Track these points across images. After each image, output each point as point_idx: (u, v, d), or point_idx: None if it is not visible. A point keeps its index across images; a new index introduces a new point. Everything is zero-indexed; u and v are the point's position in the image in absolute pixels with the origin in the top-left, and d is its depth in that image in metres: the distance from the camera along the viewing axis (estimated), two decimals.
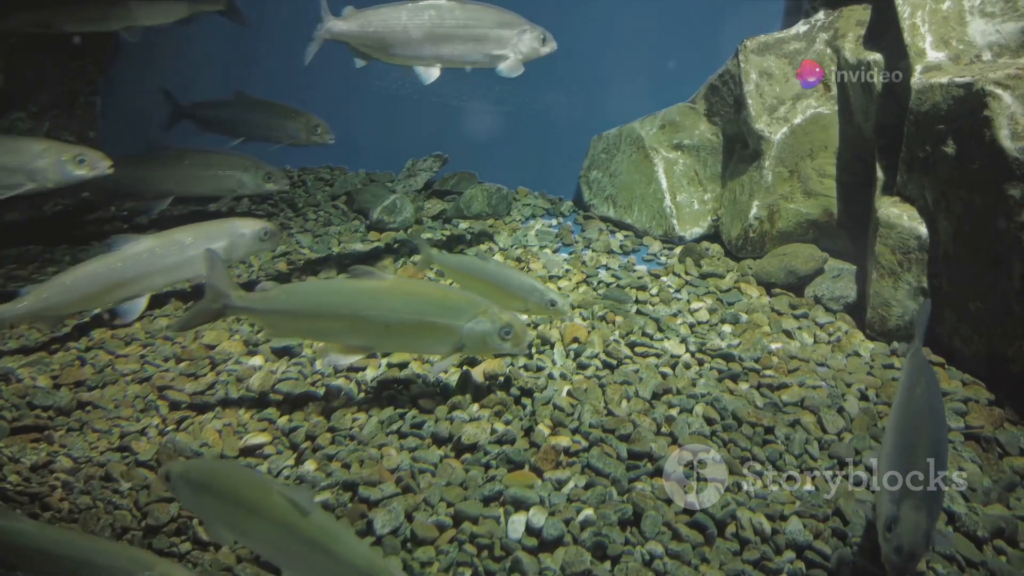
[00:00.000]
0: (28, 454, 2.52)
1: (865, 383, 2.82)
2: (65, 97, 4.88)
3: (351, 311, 2.46)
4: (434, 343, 2.49)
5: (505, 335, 2.43)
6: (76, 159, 3.08)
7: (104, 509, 2.31)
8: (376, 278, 2.53)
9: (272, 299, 2.51)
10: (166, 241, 3.19)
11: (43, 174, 3.09)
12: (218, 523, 1.89)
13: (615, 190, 4.32)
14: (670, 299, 3.47)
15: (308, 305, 2.51)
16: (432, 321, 2.43)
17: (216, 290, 2.48)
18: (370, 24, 3.05)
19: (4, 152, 3.06)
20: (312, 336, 2.76)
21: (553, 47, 3.26)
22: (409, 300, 2.47)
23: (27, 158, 3.05)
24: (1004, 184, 2.60)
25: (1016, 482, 2.35)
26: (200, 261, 3.03)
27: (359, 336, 2.49)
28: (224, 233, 3.29)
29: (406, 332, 2.46)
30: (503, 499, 2.25)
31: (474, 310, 2.45)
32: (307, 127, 4.01)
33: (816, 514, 2.22)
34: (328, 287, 2.72)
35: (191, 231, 3.27)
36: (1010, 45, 2.97)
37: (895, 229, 3.06)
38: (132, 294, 3.16)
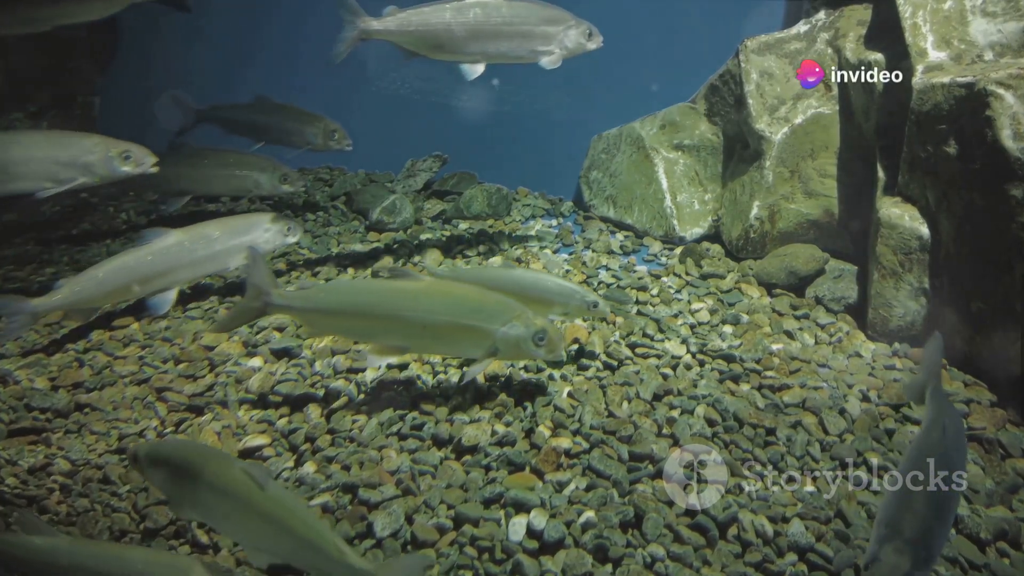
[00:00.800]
0: (26, 456, 2.50)
1: (867, 384, 2.81)
2: (64, 97, 4.87)
3: (387, 311, 2.47)
4: (468, 346, 2.48)
5: (539, 341, 2.42)
6: (123, 155, 3.11)
7: (102, 512, 2.30)
8: (413, 279, 2.53)
9: (311, 297, 2.52)
10: (194, 235, 3.26)
11: (93, 169, 3.11)
12: (183, 501, 1.94)
13: (615, 190, 4.31)
14: (671, 300, 3.46)
15: (346, 304, 2.52)
16: (466, 323, 2.43)
17: (257, 288, 2.48)
18: (410, 23, 3.06)
19: (61, 146, 3.08)
20: (350, 335, 2.76)
21: (599, 42, 3.23)
22: (445, 301, 2.46)
23: (80, 152, 3.08)
24: (1006, 184, 2.59)
25: (1019, 484, 2.34)
26: (227, 255, 3.24)
27: (395, 336, 2.48)
28: (250, 227, 3.37)
29: (441, 333, 2.45)
30: (504, 501, 2.24)
31: (509, 314, 2.43)
32: (325, 132, 4.02)
33: (818, 516, 2.21)
34: (366, 286, 2.74)
35: (218, 225, 3.35)
36: (1012, 45, 2.96)
37: (896, 229, 3.05)
38: (162, 287, 3.22)
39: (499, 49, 3.11)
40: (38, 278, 3.82)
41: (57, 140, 3.15)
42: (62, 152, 3.09)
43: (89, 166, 3.10)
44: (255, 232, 3.36)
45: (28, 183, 3.10)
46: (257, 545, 1.90)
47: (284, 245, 3.48)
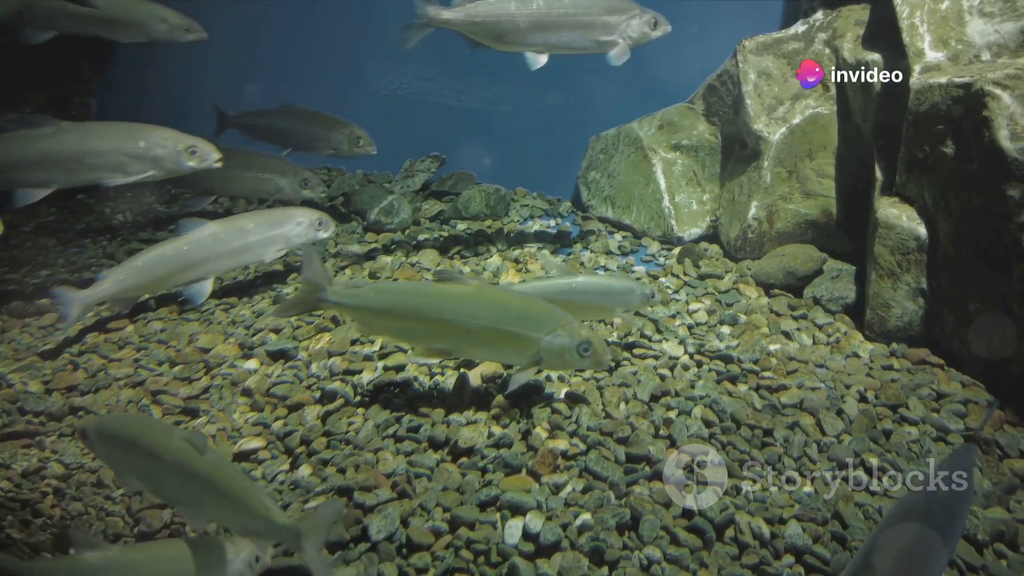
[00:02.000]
0: (19, 460, 2.49)
1: (864, 384, 2.80)
2: (60, 98, 4.86)
3: (434, 314, 2.47)
4: (512, 353, 2.46)
5: (584, 352, 2.38)
6: (189, 150, 3.11)
7: (96, 515, 2.29)
8: (461, 282, 2.53)
9: (362, 296, 2.54)
10: (229, 226, 3.33)
11: (162, 162, 3.12)
12: (128, 472, 2.05)
13: (613, 191, 4.30)
14: (668, 300, 3.45)
15: (394, 304, 2.53)
16: (510, 330, 2.41)
17: (313, 284, 2.53)
18: (476, 14, 3.11)
19: (133, 138, 3.08)
20: (398, 335, 2.77)
21: (666, 29, 3.21)
22: (490, 307, 2.45)
23: (151, 145, 3.08)
24: (1003, 184, 2.58)
25: (1016, 485, 2.33)
26: (261, 246, 3.37)
27: (440, 339, 2.49)
28: (283, 220, 3.44)
29: (485, 339, 2.44)
30: (500, 504, 2.23)
31: (554, 323, 2.40)
32: (350, 138, 4.03)
33: (815, 517, 2.20)
34: (414, 288, 2.75)
35: (252, 217, 3.42)
36: (1009, 45, 2.96)
37: (894, 230, 3.04)
38: (198, 276, 3.28)
39: (561, 40, 3.14)
40: (33, 280, 3.81)
41: (130, 131, 3.14)
42: (133, 144, 3.09)
43: (158, 159, 3.10)
44: (287, 225, 3.42)
45: (98, 174, 3.11)
46: (195, 508, 1.99)
47: (316, 239, 3.52)
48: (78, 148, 3.06)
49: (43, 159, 3.04)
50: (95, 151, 3.07)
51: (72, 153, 3.05)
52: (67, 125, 3.11)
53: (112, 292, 3.13)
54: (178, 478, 1.95)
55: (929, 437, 2.53)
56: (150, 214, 4.57)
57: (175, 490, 2.00)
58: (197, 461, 1.92)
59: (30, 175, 3.07)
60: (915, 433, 2.55)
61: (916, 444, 2.50)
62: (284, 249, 3.43)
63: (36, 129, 3.07)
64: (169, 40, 3.69)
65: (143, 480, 2.04)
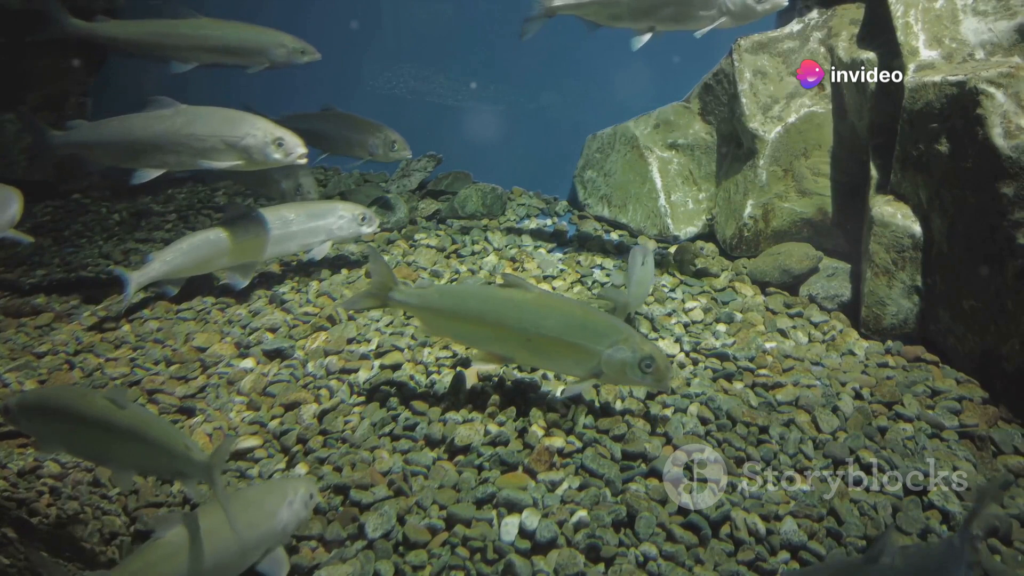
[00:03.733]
0: (15, 459, 2.48)
1: (860, 382, 2.81)
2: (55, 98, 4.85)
3: (495, 319, 2.45)
4: (571, 364, 2.42)
5: (646, 368, 2.31)
6: (277, 142, 3.08)
7: (92, 514, 2.28)
8: (525, 289, 2.51)
9: (427, 297, 2.56)
10: (273, 215, 3.38)
11: (251, 152, 3.10)
12: (52, 439, 2.17)
13: (610, 190, 4.31)
14: (664, 298, 3.46)
15: (458, 308, 2.53)
16: (571, 341, 2.37)
17: (380, 282, 2.56)
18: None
19: (231, 125, 3.08)
20: (459, 338, 2.76)
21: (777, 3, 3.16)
22: (552, 316, 2.41)
23: (243, 134, 3.07)
24: (997, 182, 2.60)
25: (1010, 481, 2.34)
26: (304, 237, 3.45)
27: (500, 345, 2.48)
28: (325, 213, 3.48)
29: (544, 349, 2.41)
30: (496, 501, 2.23)
31: (616, 336, 2.34)
32: (385, 142, 4.03)
33: (811, 514, 2.21)
34: (478, 292, 2.73)
35: (295, 208, 3.46)
36: (1003, 43, 2.97)
37: (889, 228, 3.06)
38: (242, 262, 3.35)
39: (665, 15, 3.18)
40: (29, 280, 3.81)
41: (228, 118, 3.13)
42: (230, 131, 3.08)
43: (248, 149, 3.09)
44: (330, 218, 3.46)
45: (195, 159, 3.12)
46: (120, 462, 2.10)
47: (359, 234, 3.51)
48: (183, 132, 3.07)
49: (156, 140, 3.09)
50: (197, 136, 3.07)
51: (178, 136, 3.07)
52: (183, 108, 3.13)
53: (160, 273, 3.25)
54: (103, 436, 2.05)
55: (924, 434, 2.54)
56: (148, 215, 4.57)
57: (102, 448, 2.09)
58: (119, 415, 2.02)
59: (146, 155, 3.14)
60: (910, 430, 2.56)
61: (911, 441, 2.51)
62: (327, 241, 3.46)
63: (158, 110, 3.12)
64: (287, 63, 3.78)
65: (68, 445, 2.18)
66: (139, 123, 3.14)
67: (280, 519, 2.00)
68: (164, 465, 2.03)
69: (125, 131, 3.16)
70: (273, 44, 3.73)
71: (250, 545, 1.95)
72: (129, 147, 3.17)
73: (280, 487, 2.09)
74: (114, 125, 3.21)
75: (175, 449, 1.99)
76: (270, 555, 2.00)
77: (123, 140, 3.17)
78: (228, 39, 3.68)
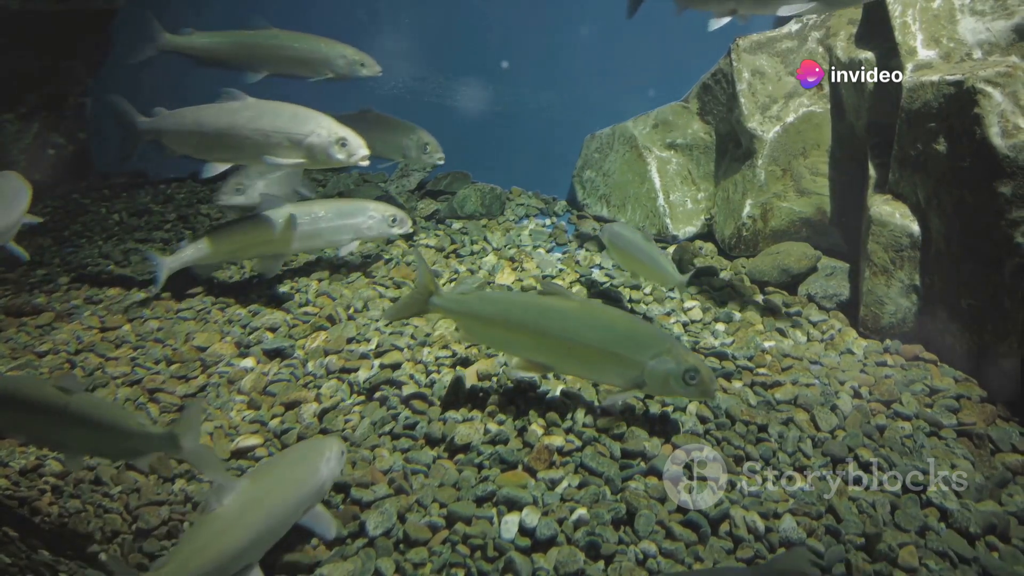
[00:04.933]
0: (17, 458, 2.49)
1: (858, 381, 2.82)
2: (55, 98, 4.85)
3: (536, 328, 2.43)
4: (613, 374, 2.40)
5: (690, 379, 2.29)
6: (340, 142, 3.04)
7: (94, 513, 2.29)
8: (566, 297, 2.49)
9: (468, 303, 2.55)
10: (303, 210, 3.40)
11: (314, 151, 3.07)
12: (7, 427, 2.25)
13: (608, 189, 4.31)
14: (663, 298, 3.47)
15: (499, 315, 2.51)
16: (613, 351, 2.35)
17: (423, 288, 2.56)
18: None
19: (297, 122, 3.05)
20: (499, 346, 2.74)
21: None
22: (594, 325, 2.40)
23: (308, 132, 3.04)
24: (995, 182, 2.61)
25: (1008, 478, 2.35)
26: (332, 233, 3.43)
27: (541, 354, 2.45)
28: (355, 211, 3.48)
29: (586, 358, 2.39)
30: (496, 499, 2.24)
31: (659, 346, 2.32)
32: (418, 145, 4.02)
33: (809, 512, 2.22)
34: (519, 300, 2.70)
35: (326, 204, 3.46)
36: (1000, 43, 2.98)
37: (887, 227, 3.07)
38: (269, 253, 3.37)
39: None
40: (29, 280, 3.81)
41: (295, 115, 3.10)
42: (296, 128, 3.05)
43: (311, 148, 3.05)
44: (359, 217, 3.47)
45: (260, 155, 3.09)
46: (73, 446, 2.17)
47: (388, 235, 3.49)
48: (249, 126, 3.05)
49: (223, 132, 3.09)
50: (262, 131, 3.05)
51: (244, 130, 3.05)
52: (251, 102, 3.11)
53: (192, 258, 3.34)
54: (56, 422, 2.10)
55: (922, 432, 2.55)
56: (145, 215, 4.57)
57: (57, 435, 2.16)
58: (70, 402, 2.07)
59: (214, 148, 3.14)
60: (909, 428, 2.58)
61: (910, 439, 2.52)
62: (356, 240, 3.47)
63: (227, 103, 3.11)
64: (348, 75, 3.83)
65: (22, 432, 2.25)
66: (209, 114, 3.13)
67: (321, 475, 2.09)
68: (121, 446, 2.09)
69: (196, 122, 3.15)
70: (335, 55, 3.78)
71: (299, 504, 2.02)
72: (199, 138, 3.16)
73: (316, 445, 2.17)
74: (187, 115, 3.20)
75: (128, 428, 2.05)
76: (311, 511, 2.07)
77: (194, 130, 3.16)
78: (296, 50, 3.75)
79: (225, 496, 1.91)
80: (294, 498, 2.01)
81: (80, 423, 2.08)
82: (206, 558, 1.81)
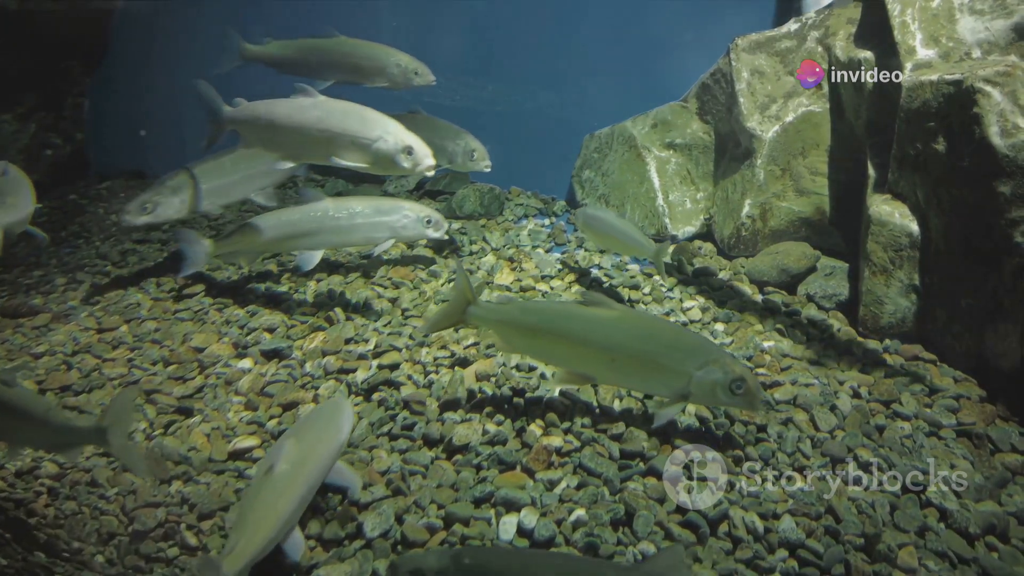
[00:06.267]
0: (13, 460, 2.48)
1: (858, 380, 2.81)
2: (52, 98, 4.85)
3: (578, 338, 2.38)
4: (659, 385, 2.35)
5: (737, 389, 2.24)
6: (407, 150, 2.98)
7: (90, 514, 2.28)
8: (608, 307, 2.42)
9: (507, 313, 2.49)
10: (340, 205, 3.37)
11: (378, 156, 2.99)
12: None
13: (607, 189, 4.31)
14: (663, 298, 3.46)
15: (539, 325, 2.45)
16: (660, 362, 2.29)
17: (460, 297, 2.51)
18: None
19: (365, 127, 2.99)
20: (540, 356, 2.71)
21: None
22: (638, 335, 2.35)
23: (375, 137, 2.97)
24: (994, 181, 2.60)
25: (1007, 478, 2.34)
26: (368, 230, 3.38)
27: (583, 364, 2.40)
28: (391, 210, 3.44)
29: (631, 369, 2.34)
30: (494, 500, 2.23)
31: (706, 356, 2.28)
32: (465, 150, 3.97)
33: (809, 512, 2.21)
34: (560, 310, 2.63)
35: (363, 201, 3.44)
36: (999, 42, 2.98)
37: (887, 227, 3.06)
38: (308, 246, 3.36)
39: None
40: (26, 280, 3.80)
41: (363, 119, 3.03)
42: (364, 132, 2.99)
43: (377, 153, 2.98)
44: (395, 215, 3.42)
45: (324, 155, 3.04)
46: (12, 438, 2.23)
47: (423, 236, 3.44)
48: (318, 125, 3.00)
49: (292, 129, 3.04)
50: (330, 131, 2.98)
51: (312, 130, 3.00)
52: (321, 101, 3.05)
53: (236, 244, 3.35)
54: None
55: (922, 432, 2.54)
56: None
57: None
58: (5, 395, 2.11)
59: (283, 144, 3.10)
60: (908, 428, 2.57)
61: (909, 439, 2.51)
62: (391, 239, 3.43)
63: (300, 99, 3.05)
64: (405, 83, 3.83)
65: None
66: (280, 110, 3.07)
67: (344, 434, 2.19)
68: (49, 438, 2.17)
69: (268, 116, 3.10)
70: (391, 64, 3.79)
71: (330, 462, 2.12)
72: (270, 132, 3.11)
73: (335, 406, 2.27)
74: (261, 108, 3.15)
75: (58, 423, 2.13)
76: (336, 469, 2.17)
77: (266, 124, 3.11)
78: (358, 57, 3.79)
79: (279, 460, 1.97)
80: (328, 457, 2.10)
81: (12, 415, 2.12)
82: (269, 527, 1.85)
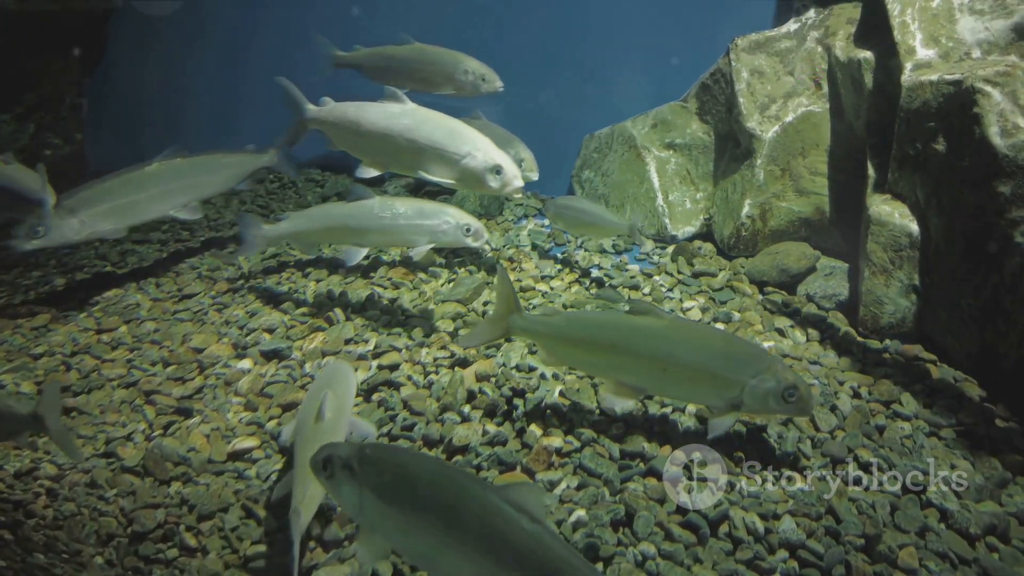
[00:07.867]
0: (11, 461, 2.48)
1: (857, 381, 2.81)
2: (51, 99, 4.84)
3: (627, 348, 2.34)
4: (711, 395, 2.30)
5: (789, 397, 2.21)
6: (495, 169, 2.88)
7: (89, 516, 2.28)
8: (656, 315, 2.38)
9: (552, 324, 2.43)
10: (385, 204, 3.33)
11: (465, 174, 2.93)
12: None
13: (607, 189, 4.30)
14: (663, 298, 3.46)
15: (587, 336, 2.41)
16: (713, 371, 2.26)
17: (503, 308, 2.46)
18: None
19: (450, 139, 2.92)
20: (586, 368, 2.67)
21: None
22: (689, 344, 2.32)
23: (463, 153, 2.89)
24: (994, 181, 2.60)
25: (1008, 478, 2.34)
26: (409, 232, 3.29)
27: (632, 375, 2.36)
28: (433, 214, 3.38)
29: (682, 379, 2.30)
30: None
31: (760, 364, 2.24)
32: (515, 159, 3.81)
33: (809, 513, 2.21)
34: (608, 320, 2.58)
35: (408, 203, 3.42)
36: (999, 42, 2.98)
37: (887, 227, 3.06)
38: (354, 241, 3.35)
39: None
40: (24, 281, 3.80)
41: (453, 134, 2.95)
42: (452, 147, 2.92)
43: (465, 171, 2.90)
44: (436, 219, 3.34)
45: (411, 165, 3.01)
46: None
47: (462, 244, 3.37)
48: (405, 135, 2.94)
49: (377, 136, 3.00)
50: (417, 143, 2.92)
51: (399, 139, 2.95)
52: (410, 108, 2.99)
53: (289, 232, 3.39)
54: None
55: (922, 432, 2.54)
56: None
57: None
58: None
59: (368, 149, 3.09)
60: (908, 428, 2.57)
61: (909, 439, 2.51)
62: (431, 243, 3.35)
63: (390, 105, 3.01)
64: (473, 90, 3.83)
65: None
66: (368, 114, 3.02)
67: (354, 387, 2.45)
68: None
69: (356, 120, 3.05)
70: (459, 69, 3.79)
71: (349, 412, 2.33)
72: (357, 137, 3.07)
73: (342, 365, 2.53)
74: (349, 110, 3.10)
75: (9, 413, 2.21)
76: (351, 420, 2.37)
77: (353, 128, 3.07)
78: (428, 63, 3.83)
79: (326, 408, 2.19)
80: (349, 407, 2.33)
81: None
82: None
